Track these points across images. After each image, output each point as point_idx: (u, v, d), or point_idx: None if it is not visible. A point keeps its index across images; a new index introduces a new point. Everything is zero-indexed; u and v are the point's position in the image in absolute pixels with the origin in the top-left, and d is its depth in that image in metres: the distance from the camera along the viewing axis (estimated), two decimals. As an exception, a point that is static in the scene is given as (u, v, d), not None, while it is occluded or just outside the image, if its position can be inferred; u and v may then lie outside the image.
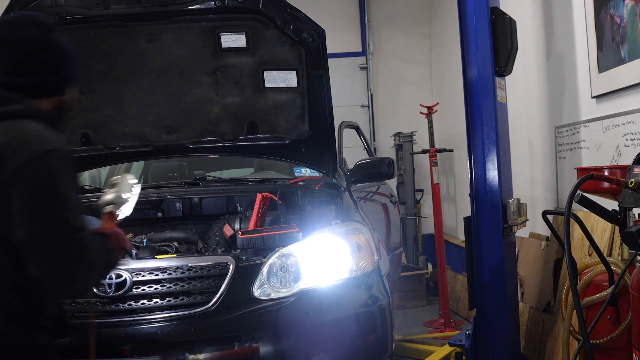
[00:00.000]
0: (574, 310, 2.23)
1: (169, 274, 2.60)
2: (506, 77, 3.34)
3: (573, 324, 2.48)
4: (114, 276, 2.55)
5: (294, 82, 3.34)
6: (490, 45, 3.16)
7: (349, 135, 5.39)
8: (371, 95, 7.29)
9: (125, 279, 2.55)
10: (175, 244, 2.94)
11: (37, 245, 1.55)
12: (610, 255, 2.93)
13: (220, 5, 3.07)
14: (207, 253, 2.88)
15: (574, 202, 2.05)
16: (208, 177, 3.77)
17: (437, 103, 6.11)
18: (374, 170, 3.74)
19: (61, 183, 1.58)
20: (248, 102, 3.44)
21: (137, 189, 2.15)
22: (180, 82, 3.37)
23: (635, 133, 2.96)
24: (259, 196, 3.07)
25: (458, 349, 3.46)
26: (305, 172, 4.06)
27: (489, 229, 3.16)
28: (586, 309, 2.32)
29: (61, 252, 1.56)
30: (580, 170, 2.54)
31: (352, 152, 4.94)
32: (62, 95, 1.76)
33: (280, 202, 3.16)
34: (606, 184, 2.12)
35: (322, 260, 2.64)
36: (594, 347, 2.19)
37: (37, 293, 1.62)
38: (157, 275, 2.59)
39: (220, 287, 2.56)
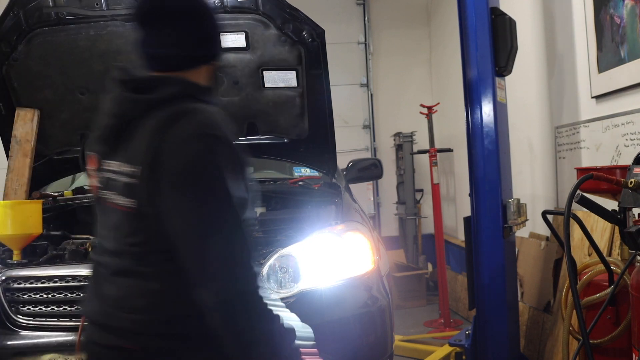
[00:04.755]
0: (574, 310, 2.23)
1: (169, 274, 2.60)
2: (506, 77, 3.34)
3: (573, 323, 2.48)
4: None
5: (293, 82, 3.34)
6: (490, 45, 3.16)
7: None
8: (371, 95, 7.29)
9: (125, 280, 2.55)
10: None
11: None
12: (610, 255, 2.93)
13: (220, 5, 3.07)
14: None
15: (573, 202, 2.05)
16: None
17: (438, 103, 6.11)
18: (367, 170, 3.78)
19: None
20: (248, 102, 3.44)
21: None
22: (180, 82, 3.37)
23: (635, 133, 2.96)
24: None
25: (458, 349, 3.46)
26: (305, 171, 4.06)
27: (489, 229, 3.16)
28: (586, 308, 2.32)
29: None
30: (580, 170, 2.53)
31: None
32: (215, 62, 1.65)
33: None
34: (606, 184, 2.12)
35: (322, 260, 2.64)
36: (593, 347, 2.19)
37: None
38: (156, 275, 2.59)
39: (220, 287, 2.56)
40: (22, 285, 2.59)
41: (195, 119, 1.44)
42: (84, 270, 2.60)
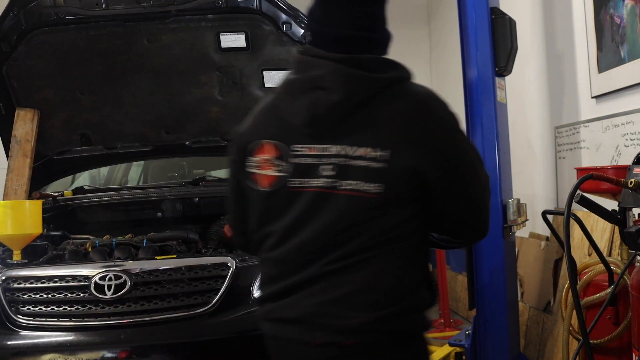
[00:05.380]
0: (574, 310, 2.23)
1: (169, 275, 2.60)
2: (506, 77, 3.34)
3: (573, 323, 2.48)
4: (113, 277, 2.55)
5: (293, 82, 3.34)
6: (490, 45, 3.16)
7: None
8: (371, 95, 7.29)
9: (125, 280, 2.55)
10: (175, 244, 2.94)
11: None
12: (610, 255, 2.92)
13: (219, 5, 3.07)
14: (207, 254, 2.88)
15: (573, 202, 2.05)
16: (208, 177, 3.77)
17: (437, 103, 6.11)
18: None
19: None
20: (248, 102, 3.44)
21: None
22: (180, 82, 3.38)
23: (635, 133, 2.96)
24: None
25: (458, 349, 3.45)
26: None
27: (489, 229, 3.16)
28: (586, 308, 2.32)
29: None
30: (580, 170, 2.53)
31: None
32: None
33: None
34: (606, 184, 2.11)
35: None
36: (593, 347, 2.19)
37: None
38: (157, 276, 2.59)
39: (220, 288, 2.56)
40: (22, 285, 2.59)
41: (441, 100, 1.54)
42: (84, 270, 2.60)
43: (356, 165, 1.43)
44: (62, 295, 2.56)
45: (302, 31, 3.16)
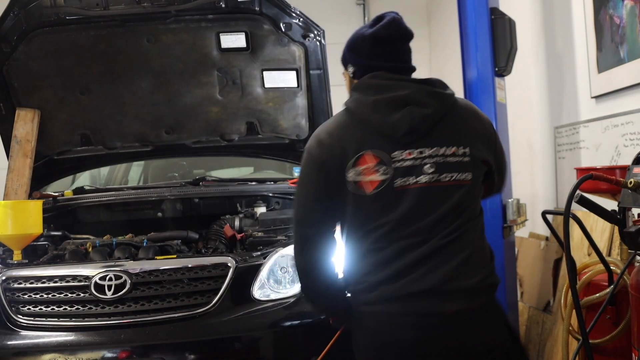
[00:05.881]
0: (573, 310, 2.23)
1: (169, 275, 2.60)
2: (506, 77, 3.35)
3: (572, 323, 2.48)
4: (113, 277, 2.55)
5: (293, 82, 3.35)
6: (490, 46, 3.17)
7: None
8: (371, 95, 7.29)
9: (125, 280, 2.55)
10: (175, 244, 2.94)
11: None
12: (609, 255, 2.93)
13: (219, 5, 3.07)
14: (207, 254, 2.88)
15: (573, 202, 2.05)
16: (208, 177, 3.78)
17: (437, 103, 6.11)
18: None
19: None
20: (248, 102, 3.44)
21: None
22: (180, 82, 3.38)
23: (635, 133, 2.97)
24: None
25: (458, 348, 3.45)
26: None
27: (488, 229, 3.16)
28: (585, 308, 2.32)
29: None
30: (579, 170, 2.53)
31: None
32: None
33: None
34: (605, 184, 2.12)
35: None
36: (593, 347, 2.19)
37: None
38: (157, 276, 2.59)
39: (221, 288, 2.56)
40: (22, 285, 2.59)
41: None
42: (84, 270, 2.60)
43: (452, 161, 1.82)
44: (62, 295, 2.56)
45: (302, 31, 3.16)
